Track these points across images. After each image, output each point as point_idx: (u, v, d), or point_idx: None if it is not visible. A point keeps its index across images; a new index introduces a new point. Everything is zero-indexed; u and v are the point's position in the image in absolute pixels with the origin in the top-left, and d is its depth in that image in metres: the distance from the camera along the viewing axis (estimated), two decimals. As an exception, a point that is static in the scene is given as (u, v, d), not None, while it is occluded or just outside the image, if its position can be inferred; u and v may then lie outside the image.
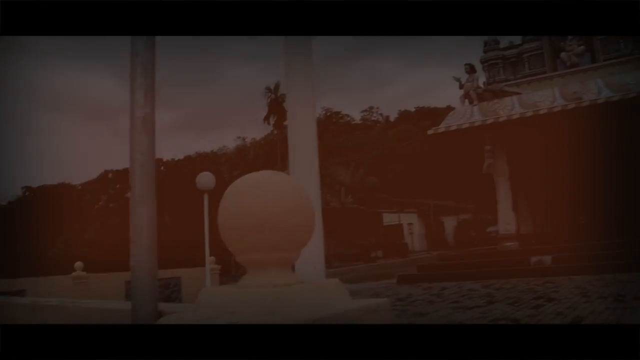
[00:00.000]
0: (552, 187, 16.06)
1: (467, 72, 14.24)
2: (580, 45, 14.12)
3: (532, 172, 15.47)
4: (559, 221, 17.86)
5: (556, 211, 17.31)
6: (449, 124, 13.42)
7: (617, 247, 11.49)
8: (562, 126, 12.88)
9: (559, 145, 13.83)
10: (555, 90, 13.09)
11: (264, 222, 1.29)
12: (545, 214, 17.78)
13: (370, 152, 47.47)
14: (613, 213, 16.78)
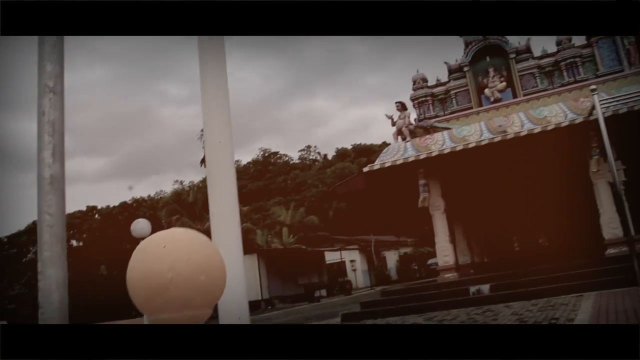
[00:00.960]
0: (486, 217, 16.66)
1: (398, 110, 14.71)
2: (501, 82, 14.93)
3: (466, 204, 16.02)
4: (495, 250, 18.50)
5: (492, 240, 17.91)
6: (384, 160, 13.74)
7: (548, 272, 11.95)
8: (490, 158, 13.46)
9: (489, 176, 14.41)
10: (482, 124, 13.71)
11: (171, 281, 1.27)
12: (481, 244, 18.36)
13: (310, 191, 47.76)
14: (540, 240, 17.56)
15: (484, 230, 17.71)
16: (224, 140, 2.09)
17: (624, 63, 14.12)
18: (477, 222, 17.27)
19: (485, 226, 17.44)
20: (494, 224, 16.98)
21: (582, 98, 13.26)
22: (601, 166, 12.65)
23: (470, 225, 17.35)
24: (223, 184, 2.00)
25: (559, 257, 13.29)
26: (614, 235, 12.58)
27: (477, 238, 17.98)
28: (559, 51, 14.80)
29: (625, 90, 13.12)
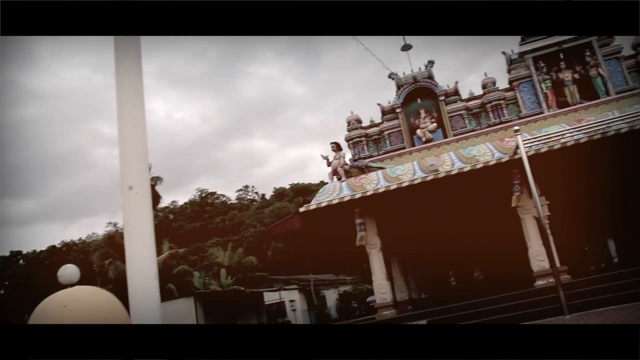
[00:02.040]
0: (422, 253, 17.01)
1: (333, 150, 14.97)
2: (432, 123, 15.55)
3: (402, 241, 16.32)
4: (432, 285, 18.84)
5: (429, 275, 18.25)
6: (320, 200, 13.88)
7: (482, 306, 12.28)
8: (424, 196, 13.84)
9: (424, 213, 14.78)
10: (414, 164, 14.15)
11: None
12: (418, 280, 18.66)
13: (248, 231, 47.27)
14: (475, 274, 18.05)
15: (421, 266, 18.06)
16: (139, 188, 2.03)
17: (543, 106, 15.06)
18: (413, 258, 17.60)
19: (422, 262, 17.79)
20: (430, 259, 17.35)
21: (507, 138, 13.97)
22: (525, 202, 13.26)
23: (407, 261, 17.67)
24: (139, 235, 1.95)
25: (492, 290, 13.68)
26: (541, 268, 13.13)
27: (414, 274, 18.29)
28: (485, 94, 15.60)
29: (545, 130, 13.96)
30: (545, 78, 15.27)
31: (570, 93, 15.11)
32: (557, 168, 13.49)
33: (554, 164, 13.30)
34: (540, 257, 13.21)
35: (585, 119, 13.97)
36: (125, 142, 2.14)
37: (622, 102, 14.50)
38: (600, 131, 12.86)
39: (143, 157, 2.17)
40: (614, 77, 14.98)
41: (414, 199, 13.90)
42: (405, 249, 17.05)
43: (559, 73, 15.29)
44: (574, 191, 14.33)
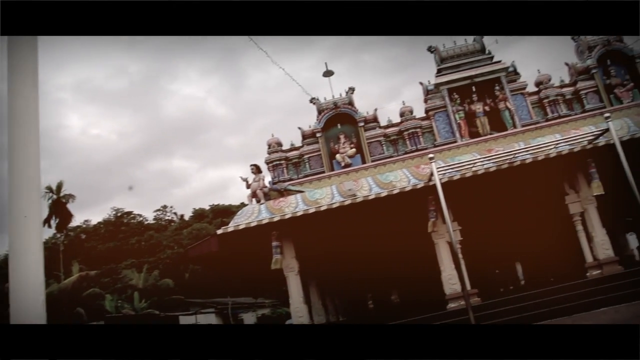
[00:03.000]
0: (340, 276, 17.12)
1: (253, 173, 14.89)
2: (351, 148, 15.83)
3: (320, 264, 16.39)
4: (349, 308, 18.98)
5: (346, 298, 18.38)
6: (237, 222, 13.71)
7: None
8: (341, 220, 14.00)
9: (341, 236, 14.92)
10: (333, 188, 14.30)
11: None
12: (336, 303, 18.75)
13: (165, 253, 45.88)
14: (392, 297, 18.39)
15: (339, 289, 18.17)
16: (30, 214, 1.92)
17: (456, 135, 15.73)
18: (331, 282, 17.70)
19: (340, 286, 17.91)
20: (348, 283, 17.49)
21: (422, 165, 14.45)
22: (439, 227, 13.71)
23: (325, 285, 17.73)
24: (27, 265, 1.84)
25: (408, 313, 13.95)
26: (453, 291, 13.56)
27: (332, 298, 18.36)
28: (402, 122, 16.10)
29: (458, 159, 14.58)
30: (458, 109, 15.99)
31: (481, 124, 15.89)
32: (469, 195, 14.10)
33: (466, 191, 13.89)
34: (452, 280, 13.66)
35: (494, 149, 14.72)
36: (16, 166, 1.96)
37: (527, 135, 15.42)
38: (508, 161, 13.57)
39: (35, 182, 2.05)
40: (520, 111, 15.93)
41: (332, 223, 14.03)
42: (323, 273, 17.12)
43: (472, 105, 16.06)
44: (484, 217, 15.02)
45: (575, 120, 15.59)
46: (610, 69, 16.23)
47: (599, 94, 16.02)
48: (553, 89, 16.20)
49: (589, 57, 16.37)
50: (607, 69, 16.24)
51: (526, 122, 15.81)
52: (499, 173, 13.63)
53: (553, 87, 16.27)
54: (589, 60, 16.30)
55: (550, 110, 15.93)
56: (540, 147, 13.67)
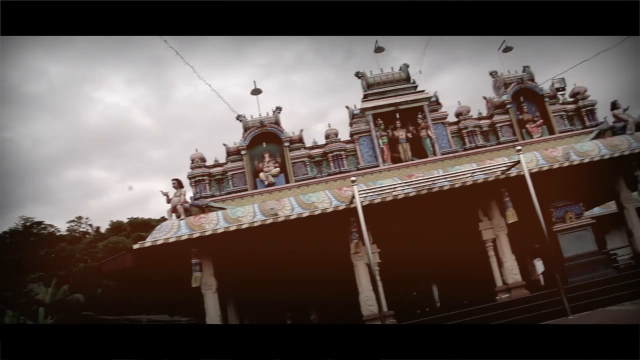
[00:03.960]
0: (259, 296, 16.97)
1: (174, 187, 14.54)
2: (276, 167, 15.85)
3: (239, 283, 16.20)
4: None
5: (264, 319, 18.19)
6: (156, 237, 13.32)
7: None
8: (262, 239, 13.94)
9: (262, 256, 14.85)
10: (255, 206, 14.22)
11: None
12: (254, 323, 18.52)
13: (77, 266, 43.75)
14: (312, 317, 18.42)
15: (258, 309, 17.98)
16: None
17: (379, 159, 16.11)
18: (250, 301, 17.50)
19: (259, 305, 17.73)
20: (268, 302, 17.36)
21: (345, 187, 14.66)
22: (360, 249, 13.94)
23: (244, 304, 17.50)
24: None
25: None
26: (371, 312, 13.79)
27: (250, 317, 18.14)
28: (327, 144, 16.31)
29: (379, 183, 14.94)
30: (382, 134, 16.40)
31: (403, 150, 16.37)
32: (389, 218, 14.47)
33: (386, 215, 14.25)
34: (370, 302, 13.88)
35: (415, 175, 15.19)
36: None
37: (445, 162, 16.03)
38: (427, 187, 14.05)
39: None
40: (440, 139, 16.57)
41: (253, 241, 13.94)
42: (243, 292, 16.92)
43: (395, 131, 16.53)
44: (403, 240, 15.44)
45: (490, 151, 16.39)
46: (523, 105, 17.26)
47: (513, 128, 16.96)
48: (472, 120, 16.99)
49: (504, 93, 17.33)
50: (520, 105, 17.25)
51: (446, 150, 16.45)
52: (419, 198, 14.09)
53: (472, 119, 17.06)
54: (505, 95, 17.25)
55: (468, 140, 16.67)
56: (457, 175, 14.27)
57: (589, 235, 15.53)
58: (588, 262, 15.09)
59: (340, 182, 15.53)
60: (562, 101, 17.89)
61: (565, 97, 18.15)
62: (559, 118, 17.28)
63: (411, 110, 16.67)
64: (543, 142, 16.58)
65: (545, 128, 17.04)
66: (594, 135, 16.61)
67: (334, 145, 16.21)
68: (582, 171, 14.99)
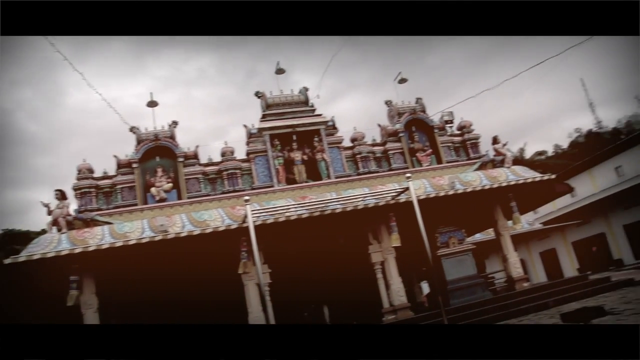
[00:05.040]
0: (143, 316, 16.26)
1: (57, 199, 13.71)
2: (168, 183, 15.43)
3: (123, 302, 15.46)
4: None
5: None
6: (32, 252, 12.44)
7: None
8: (150, 256, 13.46)
9: (150, 274, 14.31)
10: (144, 222, 13.74)
11: None
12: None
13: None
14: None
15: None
16: None
17: (274, 180, 16.18)
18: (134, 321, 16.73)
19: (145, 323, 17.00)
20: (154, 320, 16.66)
21: (238, 206, 14.56)
22: (249, 269, 13.83)
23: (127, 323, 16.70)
24: None
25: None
26: (259, 333, 13.63)
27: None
28: (223, 162, 16.16)
29: (273, 203, 14.97)
30: (278, 155, 16.51)
31: (298, 172, 16.57)
32: (281, 239, 14.50)
33: (279, 235, 14.28)
34: (260, 322, 13.76)
35: (308, 197, 15.41)
36: None
37: (339, 186, 16.41)
38: (320, 209, 14.28)
39: None
40: (335, 163, 16.96)
41: (141, 258, 13.42)
42: (127, 311, 16.15)
43: (291, 152, 16.71)
44: (295, 261, 15.52)
45: (382, 177, 17.00)
46: (415, 134, 18.13)
47: (404, 156, 17.74)
48: (366, 146, 17.56)
49: (398, 122, 18.12)
50: (412, 135, 18.10)
51: (340, 174, 16.84)
52: (311, 220, 14.26)
53: (366, 145, 17.65)
54: (398, 124, 18.04)
55: (361, 165, 17.20)
56: (350, 199, 14.64)
57: (470, 260, 16.46)
58: (468, 284, 15.96)
59: (234, 200, 15.39)
60: (449, 133, 19.00)
61: (452, 130, 19.26)
62: (447, 149, 18.33)
63: (308, 132, 16.96)
64: (431, 170, 17.47)
65: (434, 157, 17.99)
66: (477, 166, 17.75)
67: (229, 163, 16.08)
68: (465, 199, 15.92)
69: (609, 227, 32.93)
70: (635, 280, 16.05)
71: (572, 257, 36.72)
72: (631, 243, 31.49)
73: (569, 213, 33.60)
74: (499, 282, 21.60)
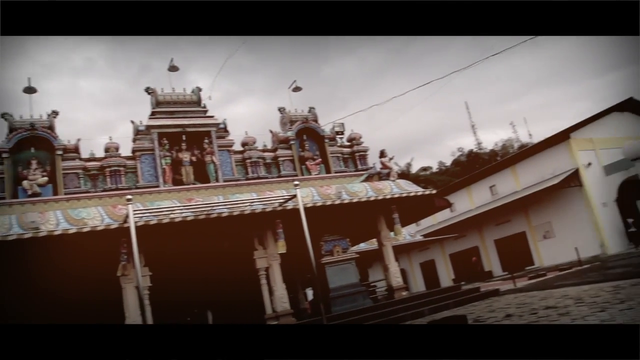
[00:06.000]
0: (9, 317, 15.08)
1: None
2: (43, 176, 14.44)
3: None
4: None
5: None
6: None
7: None
8: (19, 256, 12.52)
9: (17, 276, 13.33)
10: (12, 218, 12.71)
11: None
12: None
13: None
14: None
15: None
16: None
17: (160, 180, 15.69)
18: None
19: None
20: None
21: (120, 205, 13.91)
22: (128, 271, 13.27)
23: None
24: None
25: None
26: (136, 338, 13.09)
27: None
28: (106, 157, 15.42)
29: (157, 204, 14.48)
30: (166, 155, 16.03)
31: (186, 173, 16.19)
32: (165, 241, 14.06)
33: (162, 237, 13.84)
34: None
35: (195, 199, 15.09)
36: None
37: (227, 190, 16.25)
38: (206, 212, 14.03)
39: None
40: (224, 166, 16.78)
41: (8, 258, 12.43)
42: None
43: (180, 153, 16.30)
44: (179, 264, 15.12)
45: (271, 183, 17.06)
46: (306, 143, 18.40)
47: (294, 163, 17.95)
48: (256, 151, 17.55)
49: (290, 130, 18.31)
50: (303, 143, 18.36)
51: (228, 177, 16.68)
52: (197, 223, 13.96)
53: (256, 150, 17.64)
54: (290, 132, 18.22)
55: (251, 170, 17.15)
56: (237, 203, 14.53)
57: (352, 268, 16.92)
58: (350, 292, 16.38)
59: (116, 199, 14.72)
60: (339, 144, 19.49)
61: (343, 141, 19.78)
62: (336, 159, 18.78)
63: (198, 134, 16.65)
64: (320, 179, 17.80)
65: (323, 167, 18.35)
66: (364, 178, 18.35)
67: (113, 159, 15.37)
68: (351, 209, 16.37)
69: (482, 241, 35.35)
70: (501, 291, 17.33)
71: (449, 268, 39.02)
72: (500, 256, 34.03)
73: (448, 227, 35.68)
74: (380, 291, 22.44)
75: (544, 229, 30.73)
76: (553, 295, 12.86)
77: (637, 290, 10.54)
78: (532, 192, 29.20)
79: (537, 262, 31.01)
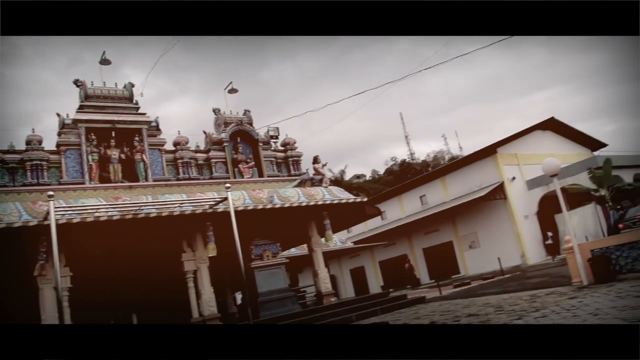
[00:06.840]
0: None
1: None
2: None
3: None
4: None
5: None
6: None
7: None
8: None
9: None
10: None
11: None
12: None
13: None
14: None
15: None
16: None
17: (86, 176, 15.12)
18: None
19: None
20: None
21: (40, 202, 13.28)
22: (48, 271, 12.70)
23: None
24: None
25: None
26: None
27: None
28: (27, 151, 14.72)
29: (82, 201, 13.92)
30: (93, 151, 15.49)
31: (114, 170, 15.70)
32: (88, 240, 13.54)
33: (86, 236, 13.32)
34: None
35: (122, 198, 14.62)
36: None
37: (156, 189, 15.88)
38: (133, 212, 13.63)
39: None
40: (155, 165, 16.39)
41: None
42: None
43: (108, 149, 15.79)
44: (103, 265, 14.59)
45: (202, 184, 16.82)
46: (239, 146, 18.27)
47: (227, 165, 17.79)
48: (188, 151, 17.26)
49: (224, 131, 18.12)
50: (236, 145, 18.22)
51: (158, 177, 16.31)
52: (123, 223, 13.53)
53: (189, 150, 17.35)
54: (224, 134, 18.04)
55: (182, 171, 16.85)
56: (166, 204, 14.20)
57: (282, 273, 16.90)
58: (279, 297, 16.35)
59: (36, 195, 14.06)
60: (273, 148, 19.48)
61: (277, 145, 19.77)
62: (269, 163, 18.75)
63: (129, 130, 16.20)
64: (252, 182, 17.71)
65: (256, 170, 18.27)
66: (297, 183, 18.39)
67: (35, 153, 14.69)
68: (282, 214, 16.35)
69: (411, 249, 36.20)
70: (427, 299, 17.80)
71: (378, 275, 39.66)
72: (428, 264, 34.95)
73: (378, 234, 36.30)
74: (310, 296, 22.50)
75: (470, 239, 31.84)
76: (475, 304, 13.34)
77: (552, 298, 11.10)
78: (460, 203, 30.19)
79: (463, 271, 32.07)
